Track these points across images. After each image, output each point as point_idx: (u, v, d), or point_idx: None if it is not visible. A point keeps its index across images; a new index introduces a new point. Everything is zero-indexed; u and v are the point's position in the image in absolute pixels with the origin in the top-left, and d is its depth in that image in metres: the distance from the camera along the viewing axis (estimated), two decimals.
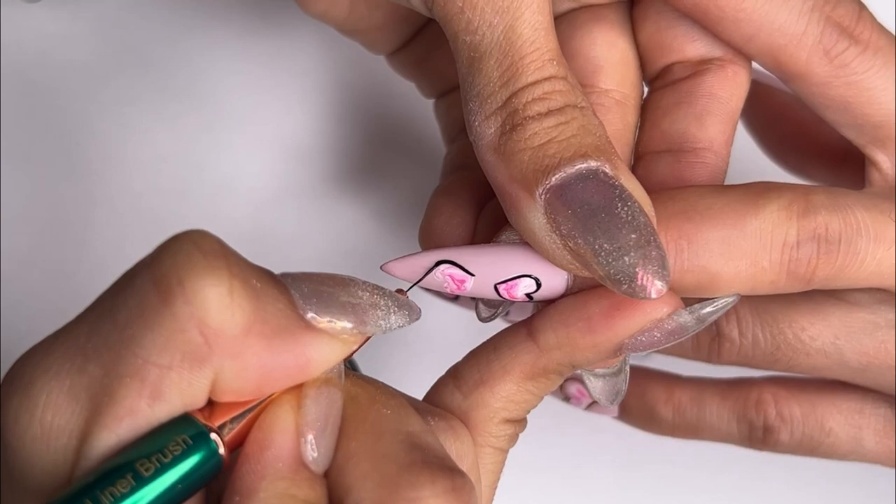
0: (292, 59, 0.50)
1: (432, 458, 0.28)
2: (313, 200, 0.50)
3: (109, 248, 0.48)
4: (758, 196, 0.32)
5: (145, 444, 0.26)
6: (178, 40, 0.49)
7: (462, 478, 0.27)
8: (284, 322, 0.27)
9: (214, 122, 0.49)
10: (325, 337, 0.28)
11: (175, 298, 0.25)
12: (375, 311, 0.29)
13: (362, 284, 0.29)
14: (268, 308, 0.27)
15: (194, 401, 0.27)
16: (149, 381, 0.26)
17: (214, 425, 0.27)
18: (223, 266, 0.26)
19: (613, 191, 0.30)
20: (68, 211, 0.47)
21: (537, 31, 0.30)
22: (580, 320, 0.31)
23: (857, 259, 0.33)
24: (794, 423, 0.40)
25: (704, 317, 0.32)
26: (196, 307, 0.26)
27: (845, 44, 0.34)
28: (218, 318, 0.26)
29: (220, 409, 0.27)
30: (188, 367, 0.26)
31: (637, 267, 0.29)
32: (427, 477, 0.27)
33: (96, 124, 0.48)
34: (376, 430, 0.28)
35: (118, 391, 0.26)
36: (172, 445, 0.26)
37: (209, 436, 0.26)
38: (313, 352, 0.27)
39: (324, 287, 0.28)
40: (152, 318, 0.26)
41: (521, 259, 0.32)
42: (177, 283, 0.25)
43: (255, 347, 0.26)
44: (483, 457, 0.32)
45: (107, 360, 0.26)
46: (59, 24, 0.48)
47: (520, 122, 0.30)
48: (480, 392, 0.32)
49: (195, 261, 0.26)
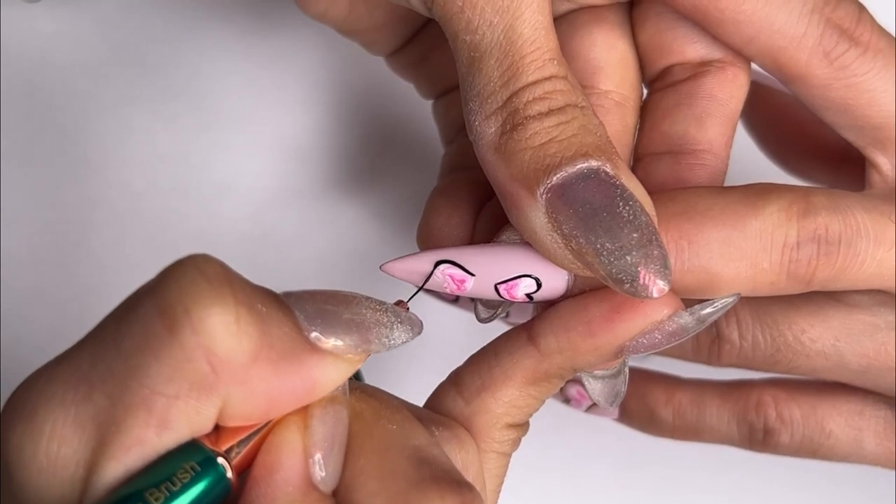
0: (293, 60, 0.50)
1: (440, 472, 0.28)
2: (313, 201, 0.50)
3: (109, 248, 0.48)
4: (758, 197, 0.32)
5: (153, 473, 0.25)
6: (178, 40, 0.49)
7: (471, 491, 0.27)
8: (290, 345, 0.27)
9: (214, 122, 0.49)
10: (330, 358, 0.27)
11: (182, 328, 0.25)
12: (379, 329, 0.28)
13: (365, 301, 0.29)
14: (273, 332, 0.26)
15: (202, 428, 0.26)
16: (156, 410, 0.25)
17: (221, 449, 0.26)
18: (229, 293, 0.26)
19: (615, 190, 0.30)
20: (68, 211, 0.47)
21: (537, 31, 0.30)
22: (581, 324, 0.31)
23: (858, 260, 0.33)
24: (794, 425, 0.40)
25: (705, 317, 0.32)
26: (203, 336, 0.25)
27: (845, 46, 0.34)
28: (225, 347, 0.25)
29: (226, 433, 0.27)
30: (196, 396, 0.26)
31: (639, 266, 0.29)
32: (436, 493, 0.27)
33: (96, 124, 0.48)
34: (383, 446, 0.28)
35: (125, 421, 0.25)
36: (181, 473, 0.25)
37: (217, 461, 0.26)
38: (319, 373, 0.27)
39: (327, 306, 0.28)
40: (158, 347, 0.25)
41: (522, 259, 0.32)
42: (183, 313, 0.25)
43: (263, 373, 0.26)
44: (487, 462, 0.32)
45: (112, 389, 0.25)
46: (59, 24, 0.48)
47: (520, 122, 0.30)
48: (483, 398, 0.32)
49: (200, 288, 0.25)
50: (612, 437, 0.49)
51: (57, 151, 0.48)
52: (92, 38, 0.48)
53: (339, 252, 0.51)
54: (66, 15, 0.48)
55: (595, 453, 0.51)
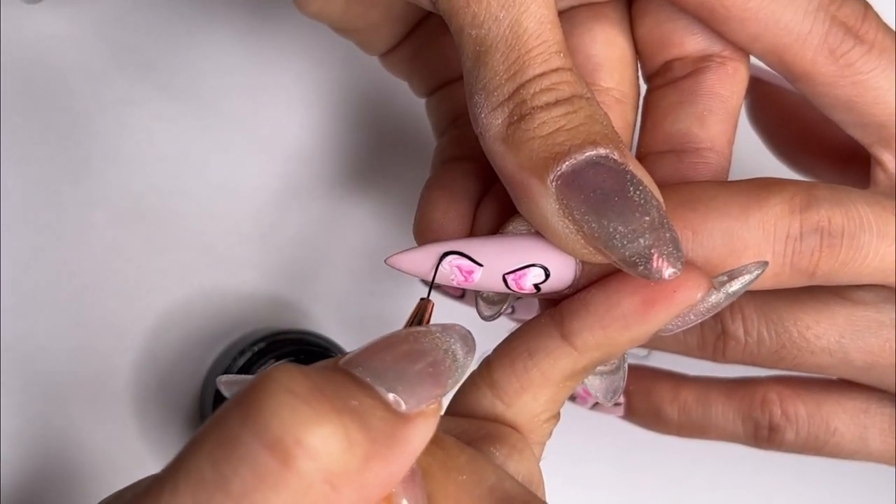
0: (292, 60, 0.50)
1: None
2: (313, 200, 0.50)
3: (109, 248, 0.48)
4: (761, 189, 0.33)
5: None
6: (177, 41, 0.49)
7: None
8: (388, 428, 0.26)
9: (214, 123, 0.49)
10: (419, 420, 0.27)
11: (296, 459, 0.24)
12: (446, 361, 0.27)
13: (422, 333, 0.28)
14: (372, 424, 0.26)
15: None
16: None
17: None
18: (329, 407, 0.25)
19: (624, 175, 0.30)
20: (68, 211, 0.47)
21: (543, 25, 0.30)
22: (616, 319, 0.31)
23: (861, 253, 0.33)
24: (799, 423, 0.39)
25: (734, 293, 0.32)
26: (320, 461, 0.24)
27: (850, 43, 0.34)
28: (342, 463, 0.25)
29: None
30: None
31: (652, 249, 0.30)
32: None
33: (96, 124, 0.48)
34: (458, 501, 0.28)
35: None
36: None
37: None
38: (416, 441, 0.26)
39: (399, 363, 0.27)
40: (275, 483, 0.24)
41: (530, 248, 0.32)
42: (294, 444, 0.24)
43: (375, 468, 0.25)
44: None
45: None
46: (59, 25, 0.48)
47: (528, 112, 0.30)
48: (524, 400, 0.33)
49: (302, 413, 0.25)
50: (614, 436, 0.48)
51: (57, 151, 0.47)
52: (92, 38, 0.48)
53: (339, 252, 0.50)
54: (66, 16, 0.48)
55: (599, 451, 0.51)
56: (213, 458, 0.25)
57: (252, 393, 0.25)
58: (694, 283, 0.31)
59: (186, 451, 0.25)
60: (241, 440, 0.25)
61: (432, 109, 0.42)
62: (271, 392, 0.25)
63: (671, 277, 0.30)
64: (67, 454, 0.47)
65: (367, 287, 0.51)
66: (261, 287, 0.49)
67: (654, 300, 0.31)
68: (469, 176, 0.36)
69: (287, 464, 0.24)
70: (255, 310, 0.49)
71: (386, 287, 0.50)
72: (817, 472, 0.47)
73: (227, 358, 0.47)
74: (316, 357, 0.47)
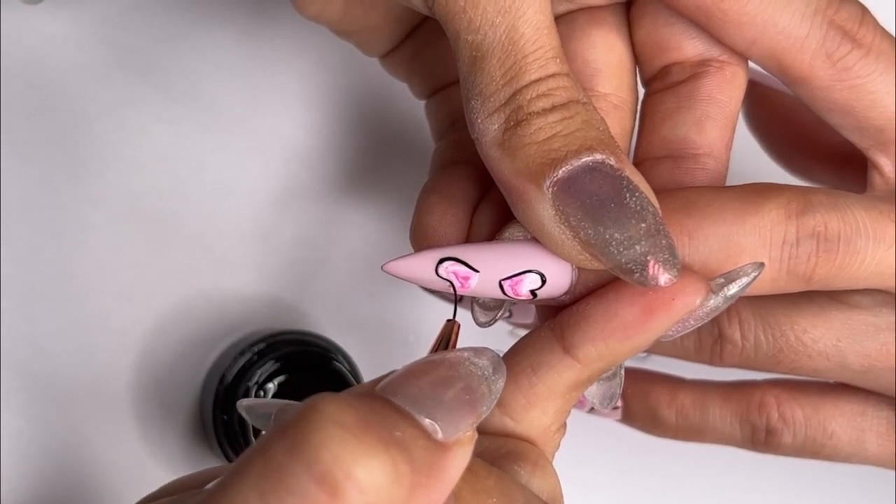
0: (292, 61, 0.50)
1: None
2: (313, 202, 0.50)
3: (109, 249, 0.48)
4: (757, 195, 0.33)
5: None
6: (177, 42, 0.49)
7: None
8: (430, 457, 0.26)
9: (214, 124, 0.49)
10: (457, 448, 0.27)
11: (346, 492, 0.24)
12: (481, 387, 0.28)
13: (456, 359, 0.28)
14: (416, 454, 0.26)
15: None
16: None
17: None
18: (377, 440, 0.25)
19: (621, 182, 0.30)
20: (68, 211, 0.47)
21: (539, 31, 0.30)
22: (617, 330, 0.31)
23: (857, 258, 0.33)
24: (796, 426, 0.40)
25: (732, 296, 0.32)
26: (370, 494, 0.24)
27: (848, 47, 0.34)
28: (388, 495, 0.25)
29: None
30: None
31: (648, 255, 0.30)
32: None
33: (96, 125, 0.48)
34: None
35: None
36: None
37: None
38: (454, 469, 0.26)
39: (436, 390, 0.27)
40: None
41: (527, 254, 0.32)
42: (345, 478, 0.24)
43: (419, 499, 0.25)
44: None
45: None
46: (59, 26, 0.48)
47: (524, 118, 0.30)
48: (532, 415, 0.33)
49: (351, 446, 0.24)
50: (612, 439, 0.48)
51: (57, 152, 0.48)
52: (92, 39, 0.48)
53: (339, 253, 0.50)
54: (66, 17, 0.48)
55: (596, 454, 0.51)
56: (259, 488, 0.25)
57: (299, 424, 0.25)
58: (692, 289, 0.31)
59: (230, 480, 0.25)
60: (289, 471, 0.24)
61: (431, 112, 0.42)
62: (319, 424, 0.25)
63: (667, 284, 0.30)
64: (67, 455, 0.47)
65: (366, 288, 0.51)
66: (260, 288, 0.49)
67: (653, 308, 0.31)
68: (466, 180, 0.36)
69: (336, 497, 0.24)
70: (254, 311, 0.49)
71: (386, 288, 0.50)
72: (815, 476, 0.47)
73: (226, 359, 0.47)
74: (316, 357, 0.47)
